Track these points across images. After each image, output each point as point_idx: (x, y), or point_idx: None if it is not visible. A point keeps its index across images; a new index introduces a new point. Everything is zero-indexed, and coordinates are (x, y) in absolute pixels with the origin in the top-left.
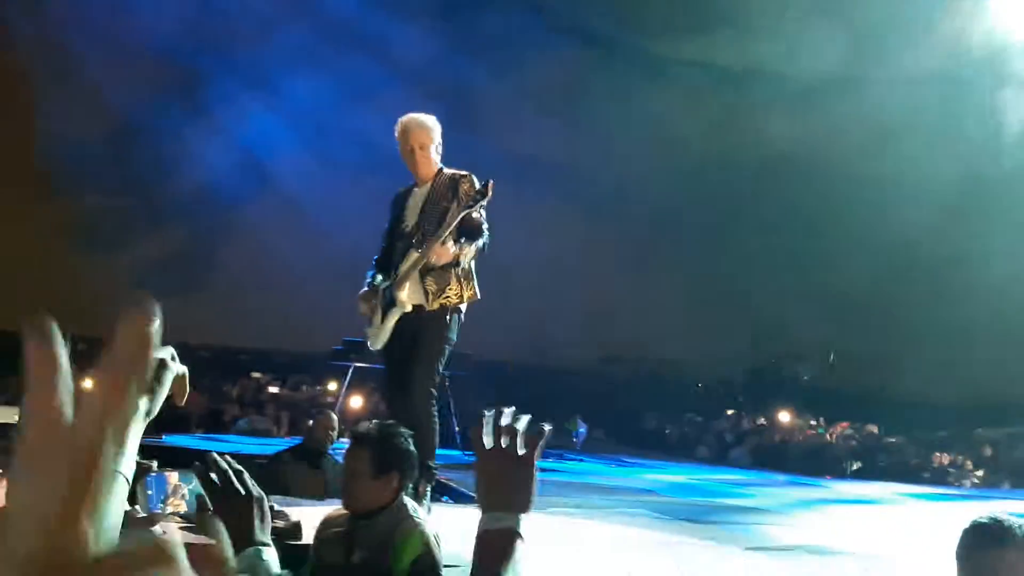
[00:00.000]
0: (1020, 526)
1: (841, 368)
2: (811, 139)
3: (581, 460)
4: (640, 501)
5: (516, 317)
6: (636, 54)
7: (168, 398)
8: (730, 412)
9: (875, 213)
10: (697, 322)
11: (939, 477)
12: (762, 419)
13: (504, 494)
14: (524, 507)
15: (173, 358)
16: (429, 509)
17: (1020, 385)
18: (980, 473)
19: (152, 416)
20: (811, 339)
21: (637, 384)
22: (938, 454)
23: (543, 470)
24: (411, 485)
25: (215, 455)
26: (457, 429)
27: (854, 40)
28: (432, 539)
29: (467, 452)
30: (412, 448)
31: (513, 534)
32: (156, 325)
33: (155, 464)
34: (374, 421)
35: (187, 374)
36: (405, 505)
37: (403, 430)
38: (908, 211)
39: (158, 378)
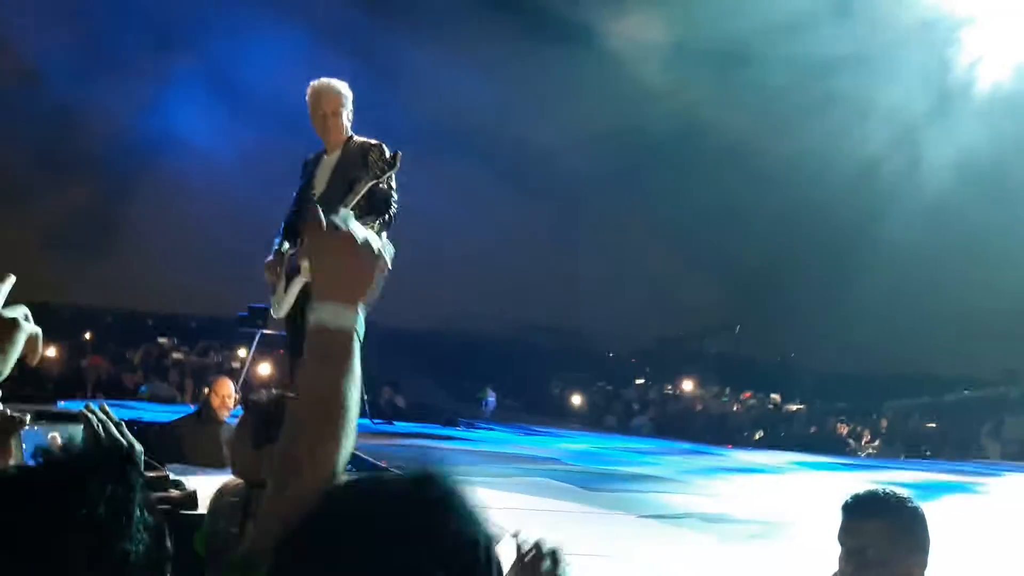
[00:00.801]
0: (896, 497)
1: (748, 340)
2: (728, 115)
3: (491, 429)
4: (544, 469)
5: (433, 287)
6: (561, 24)
7: (21, 358)
8: (638, 382)
9: (787, 190)
10: (611, 293)
11: (838, 447)
12: (668, 388)
13: (344, 279)
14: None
15: (27, 318)
16: None
17: (918, 358)
18: (876, 443)
19: (3, 376)
20: (720, 312)
21: (550, 354)
22: (839, 424)
23: (453, 438)
24: None
25: (90, 406)
26: (365, 398)
27: (776, 17)
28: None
29: (375, 420)
30: None
31: (350, 335)
32: (5, 285)
33: (27, 417)
34: (271, 390)
35: (40, 334)
36: None
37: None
38: (815, 189)
39: (9, 338)
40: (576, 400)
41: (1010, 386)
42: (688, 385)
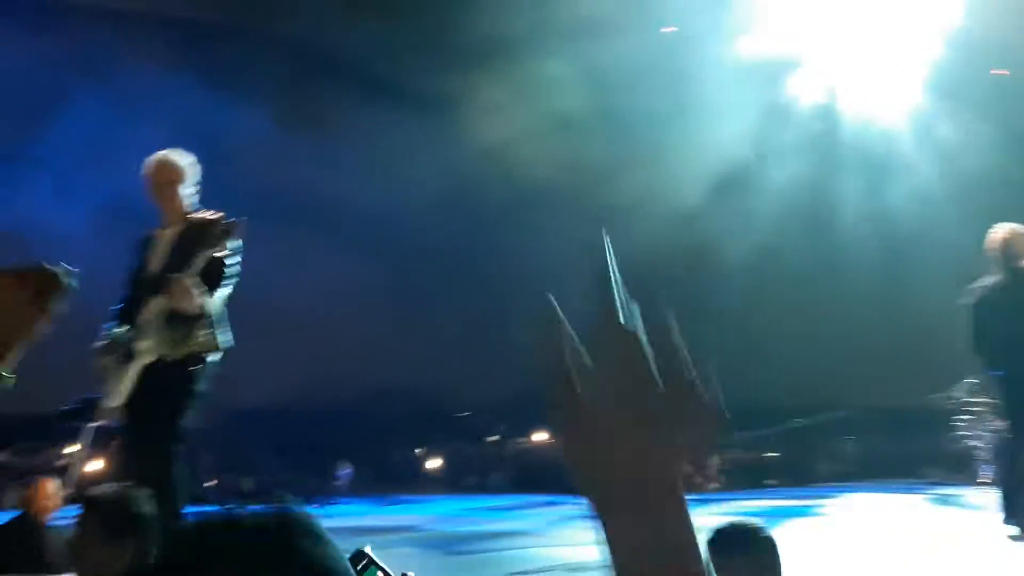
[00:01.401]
0: (754, 528)
1: None
2: (559, 173)
3: (348, 503)
4: (403, 538)
5: (278, 362)
6: (394, 88)
7: None
8: (493, 439)
9: (622, 236)
10: (463, 353)
11: (687, 482)
12: (523, 442)
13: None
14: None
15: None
16: None
17: (757, 391)
18: (721, 477)
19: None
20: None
21: (402, 419)
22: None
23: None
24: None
25: None
26: (209, 484)
27: (608, 70)
28: None
29: (226, 506)
30: (149, 511)
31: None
32: None
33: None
34: (109, 484)
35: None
36: None
37: (139, 492)
38: (644, 234)
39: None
40: (433, 463)
41: (842, 411)
42: (543, 436)
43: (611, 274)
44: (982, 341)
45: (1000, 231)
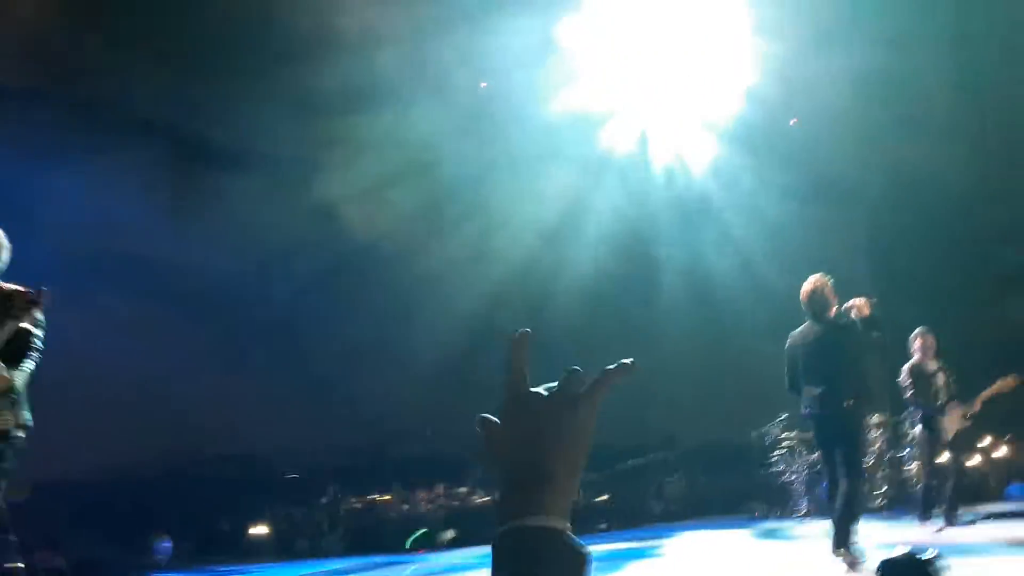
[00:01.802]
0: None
1: (438, 438)
2: (390, 228)
3: None
4: None
5: (89, 432)
6: (205, 145)
7: None
8: (324, 500)
9: (448, 293)
10: (285, 415)
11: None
12: (356, 502)
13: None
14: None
15: None
16: None
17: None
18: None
19: None
20: (410, 416)
21: (224, 486)
22: None
23: None
24: None
25: None
26: (21, 566)
27: (428, 128)
28: None
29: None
30: None
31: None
32: None
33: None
34: None
35: None
36: None
37: None
38: (478, 290)
39: None
40: (260, 530)
41: (669, 451)
42: (377, 494)
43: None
44: (793, 383)
45: (809, 283)
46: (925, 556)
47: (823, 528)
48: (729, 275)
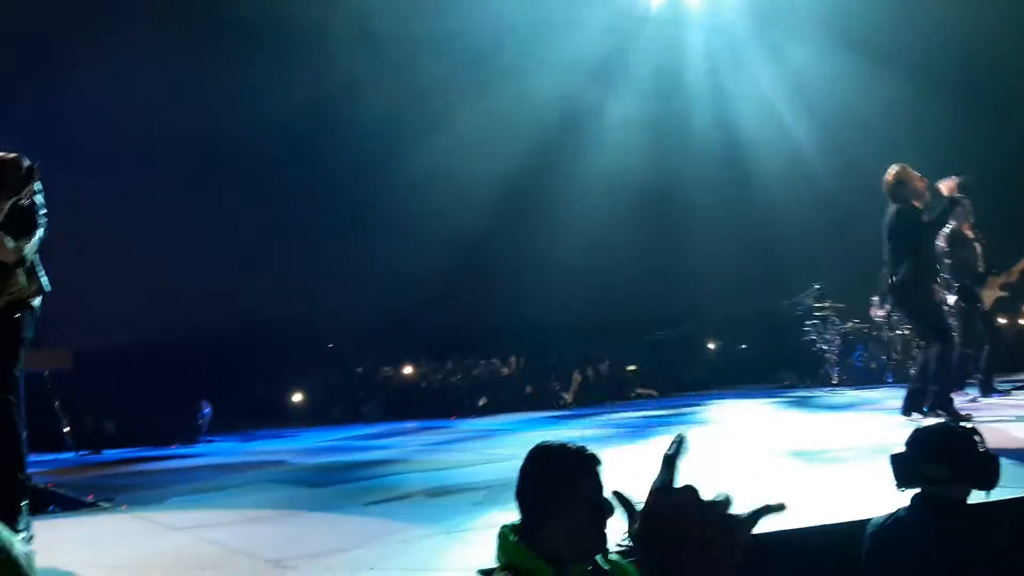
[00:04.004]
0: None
1: (464, 308)
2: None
3: (211, 440)
4: (268, 473)
5: (130, 300)
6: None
7: None
8: (360, 369)
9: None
10: (324, 283)
11: (552, 401)
12: (390, 370)
13: None
14: None
15: None
16: (27, 526)
17: (615, 307)
18: (576, 393)
19: None
20: (436, 285)
21: (266, 352)
22: (551, 379)
23: (170, 457)
24: None
25: None
26: (67, 430)
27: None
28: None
29: (80, 452)
30: None
31: None
32: None
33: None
34: None
35: None
36: None
37: None
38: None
39: None
40: (299, 396)
41: (701, 320)
42: (411, 363)
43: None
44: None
45: (892, 169)
46: (959, 428)
47: (852, 395)
48: (767, 144)
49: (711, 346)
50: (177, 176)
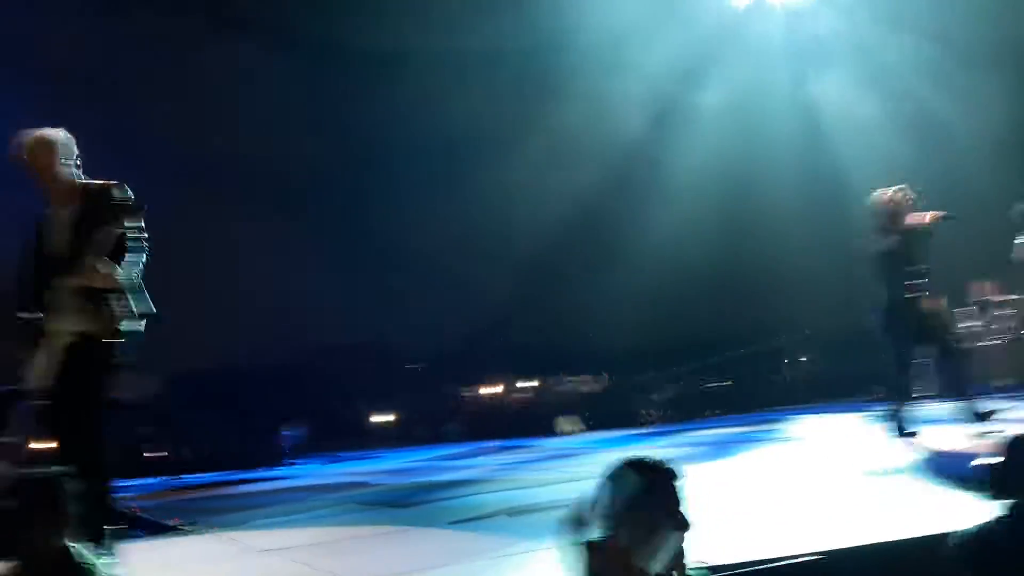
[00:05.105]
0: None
1: (542, 329)
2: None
3: (293, 463)
4: (351, 494)
5: (223, 322)
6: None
7: None
8: (444, 389)
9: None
10: (402, 305)
11: (636, 419)
12: (473, 390)
13: None
14: None
15: None
16: (112, 549)
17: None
18: (665, 412)
19: None
20: (511, 305)
21: (350, 375)
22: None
23: (255, 480)
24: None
25: None
26: (151, 455)
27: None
28: None
29: (164, 477)
30: (75, 489)
31: None
32: None
33: None
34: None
35: None
36: None
37: (66, 471)
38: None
39: None
40: (382, 418)
41: (791, 335)
42: (493, 382)
43: None
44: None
45: (885, 193)
46: None
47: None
48: (851, 152)
49: (801, 360)
50: (255, 199)
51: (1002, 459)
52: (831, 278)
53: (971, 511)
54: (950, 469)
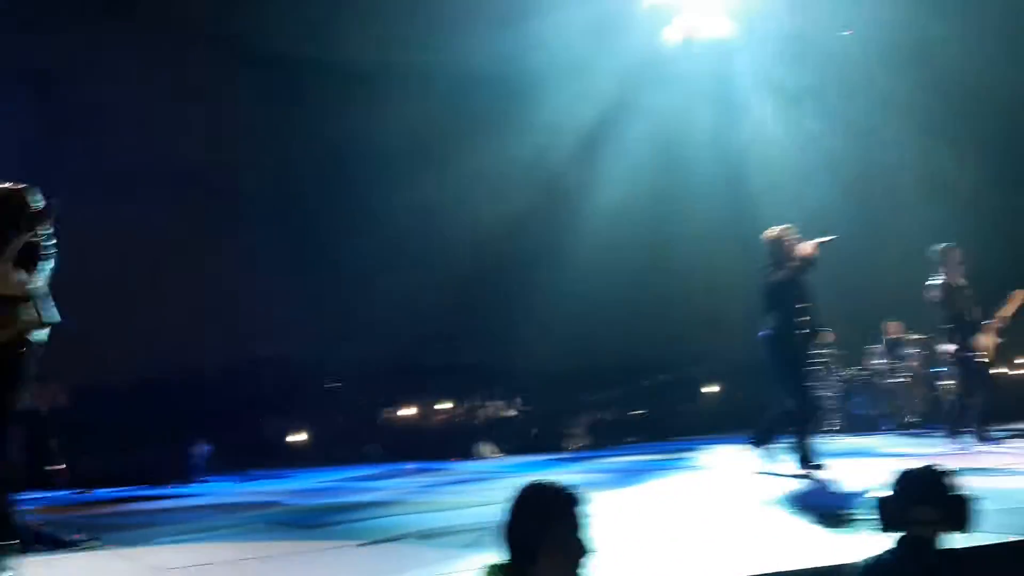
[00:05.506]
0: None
1: (465, 349)
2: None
3: (206, 481)
4: (261, 514)
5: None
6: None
7: None
8: (363, 408)
9: (469, 208)
10: (326, 321)
11: (556, 444)
12: (393, 411)
13: None
14: None
15: None
16: (12, 565)
17: (616, 351)
18: (586, 437)
19: None
20: (439, 328)
21: (267, 392)
22: (554, 423)
23: (163, 497)
24: None
25: None
26: (60, 468)
27: (418, 30)
28: None
29: (74, 491)
30: None
31: None
32: None
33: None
34: None
35: None
36: None
37: None
38: (495, 206)
39: None
40: (298, 436)
41: (704, 365)
42: (415, 403)
43: None
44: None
45: (773, 230)
46: (944, 470)
47: (850, 442)
48: (769, 190)
49: (714, 390)
50: (175, 211)
51: (890, 492)
52: (743, 309)
53: (863, 543)
54: (844, 501)
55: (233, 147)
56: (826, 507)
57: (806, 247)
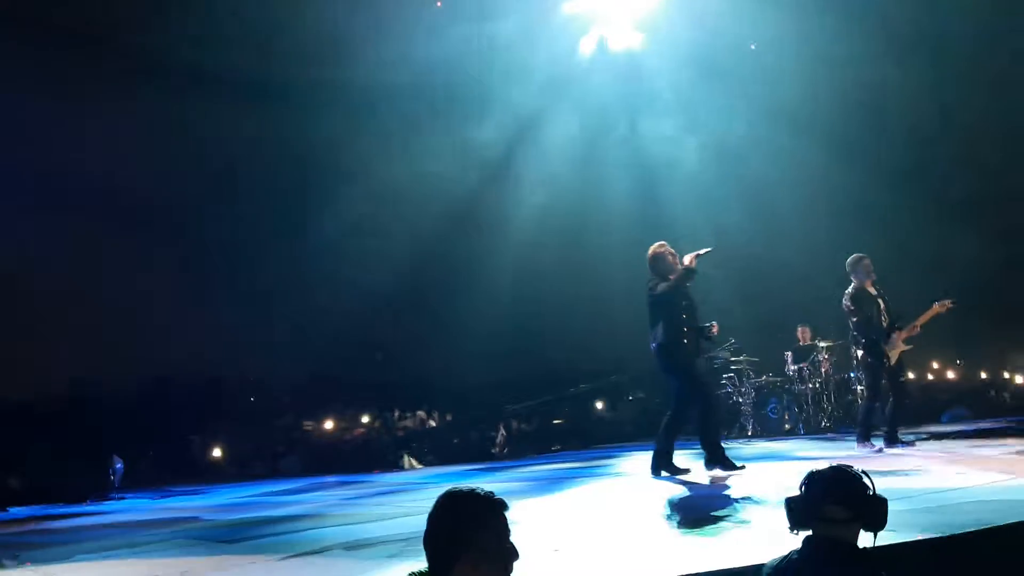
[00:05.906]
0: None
1: (387, 363)
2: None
3: (123, 497)
4: (180, 530)
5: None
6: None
7: None
8: (280, 424)
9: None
10: (246, 336)
11: (480, 453)
12: (311, 424)
13: None
14: None
15: None
16: None
17: (541, 360)
18: (507, 446)
19: None
20: (360, 342)
21: (185, 407)
22: (476, 432)
23: (80, 515)
24: None
25: None
26: None
27: (325, 45)
28: None
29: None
30: None
31: None
32: None
33: None
34: None
35: None
36: None
37: None
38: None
39: None
40: (218, 452)
41: (621, 375)
42: (333, 417)
43: None
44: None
45: (654, 246)
46: (854, 471)
47: (765, 446)
48: (680, 202)
49: (637, 397)
50: (111, 225)
51: (799, 492)
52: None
53: (776, 543)
54: (757, 502)
55: (140, 162)
56: (731, 509)
57: (686, 259)
